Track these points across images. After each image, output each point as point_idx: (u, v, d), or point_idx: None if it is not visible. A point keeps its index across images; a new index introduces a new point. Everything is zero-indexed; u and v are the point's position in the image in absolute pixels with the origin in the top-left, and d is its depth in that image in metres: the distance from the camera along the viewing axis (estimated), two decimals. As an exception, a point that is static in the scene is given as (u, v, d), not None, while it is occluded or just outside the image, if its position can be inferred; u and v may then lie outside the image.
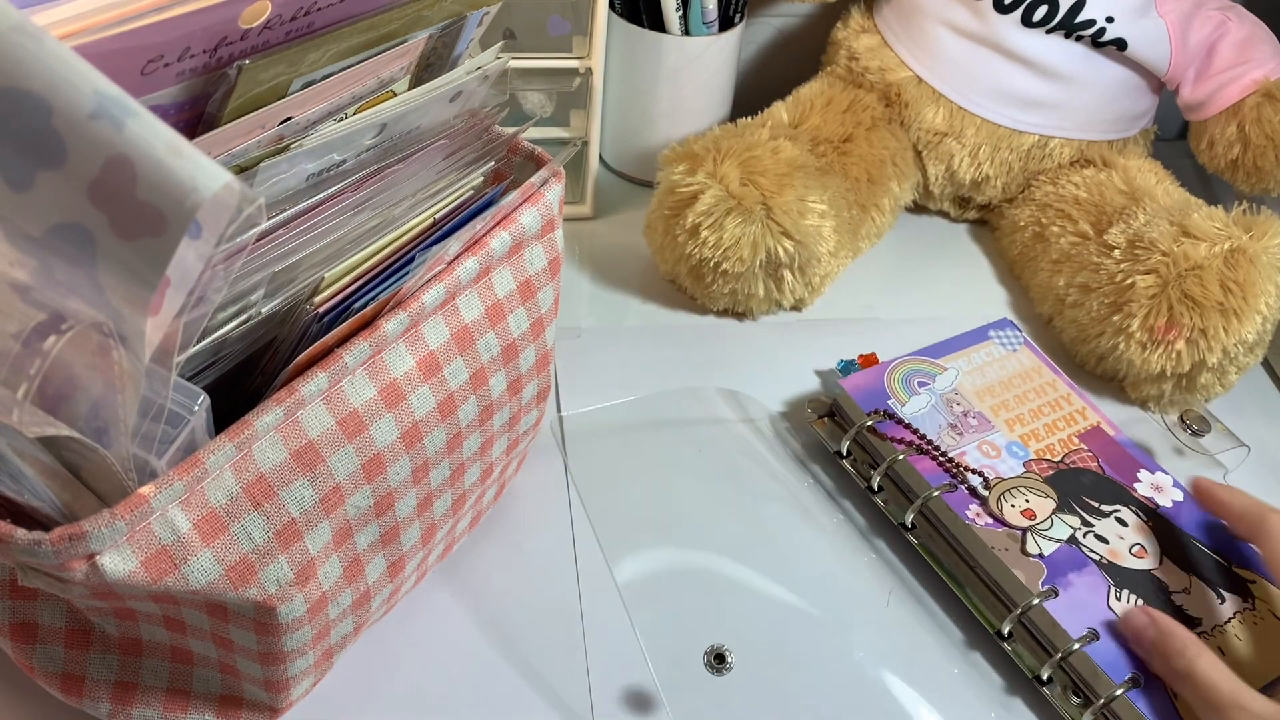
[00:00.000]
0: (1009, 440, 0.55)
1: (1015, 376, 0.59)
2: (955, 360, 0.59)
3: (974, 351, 0.60)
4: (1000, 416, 0.56)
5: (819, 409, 0.58)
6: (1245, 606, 0.49)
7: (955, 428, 0.55)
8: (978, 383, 0.58)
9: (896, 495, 0.53)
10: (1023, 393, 0.58)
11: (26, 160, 0.26)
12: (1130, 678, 0.45)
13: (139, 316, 0.27)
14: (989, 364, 0.59)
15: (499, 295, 0.42)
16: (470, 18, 0.41)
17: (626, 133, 0.74)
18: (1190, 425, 0.59)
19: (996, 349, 0.60)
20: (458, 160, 0.41)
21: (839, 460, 0.56)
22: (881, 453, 0.54)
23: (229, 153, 0.34)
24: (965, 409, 0.56)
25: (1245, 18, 0.67)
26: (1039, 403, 0.58)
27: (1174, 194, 0.66)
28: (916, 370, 0.58)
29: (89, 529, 0.30)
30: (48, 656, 0.39)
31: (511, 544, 0.51)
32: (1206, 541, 0.52)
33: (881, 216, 0.70)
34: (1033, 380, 0.59)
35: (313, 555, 0.37)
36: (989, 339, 0.61)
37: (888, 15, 0.71)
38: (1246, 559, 0.51)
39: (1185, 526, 0.52)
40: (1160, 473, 0.55)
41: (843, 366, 0.60)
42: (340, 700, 0.45)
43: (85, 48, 0.28)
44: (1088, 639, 0.46)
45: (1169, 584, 0.49)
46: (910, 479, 0.53)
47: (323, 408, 0.35)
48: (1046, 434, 0.56)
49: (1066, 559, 0.50)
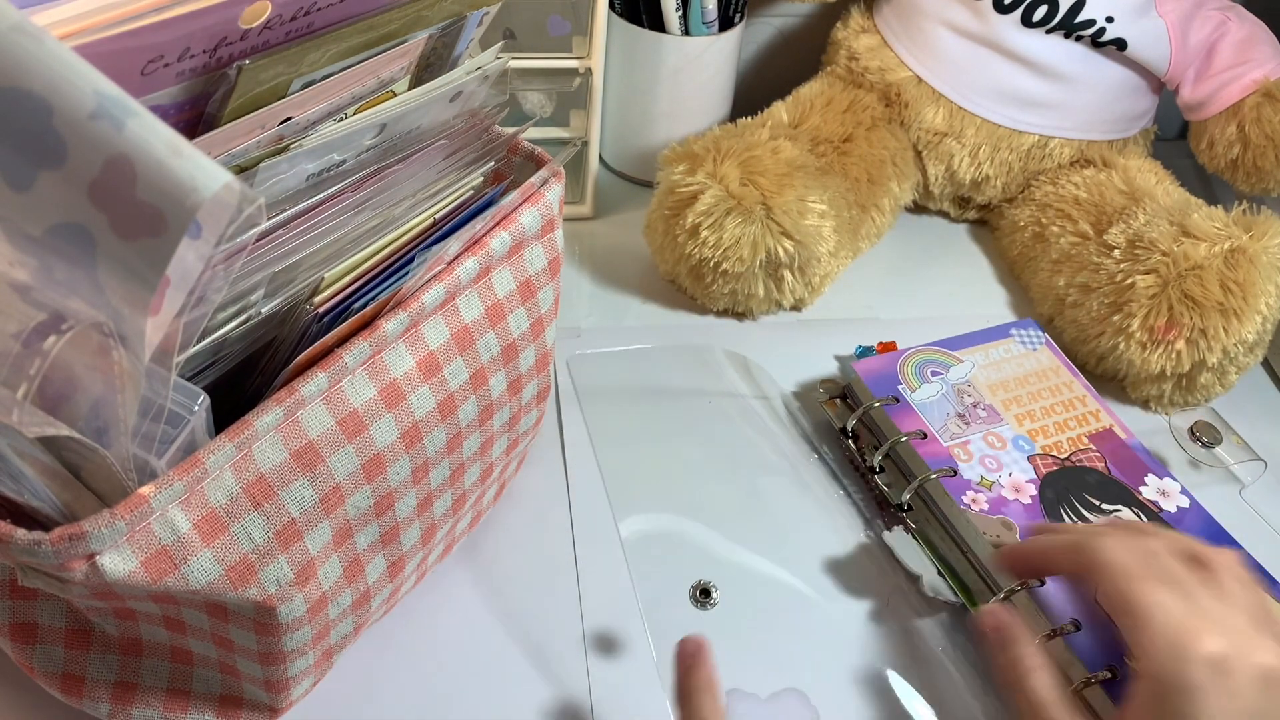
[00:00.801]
0: (1016, 434, 0.55)
1: (1031, 374, 0.59)
2: (972, 354, 0.60)
3: (992, 347, 0.60)
4: (1010, 411, 0.57)
5: (831, 390, 0.59)
6: None
7: (963, 417, 0.56)
8: (992, 377, 0.59)
9: (897, 477, 0.54)
10: (1037, 390, 0.58)
11: (27, 160, 0.26)
12: (1106, 669, 0.45)
13: (139, 316, 0.27)
14: (1006, 360, 0.60)
15: (499, 295, 0.42)
16: (470, 18, 0.41)
17: (626, 133, 0.74)
18: (1200, 437, 0.59)
19: (1016, 346, 0.61)
20: (458, 160, 0.41)
21: (843, 438, 0.56)
22: (886, 434, 0.55)
23: (229, 153, 0.34)
24: (976, 400, 0.57)
25: (1245, 18, 0.67)
26: (1052, 401, 0.58)
27: (1174, 194, 0.66)
28: (931, 360, 0.59)
29: (89, 529, 0.30)
30: (48, 656, 0.39)
31: (512, 544, 0.51)
32: None
33: (881, 216, 0.70)
34: (1048, 380, 0.59)
35: (313, 555, 0.37)
36: (1010, 336, 0.61)
37: (888, 15, 0.71)
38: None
39: (1188, 532, 0.52)
40: (1169, 479, 0.54)
41: (860, 352, 0.61)
42: (340, 700, 0.45)
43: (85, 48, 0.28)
44: (1068, 628, 0.47)
45: None
46: (911, 461, 0.54)
47: (323, 408, 0.35)
48: (1056, 431, 0.56)
49: None
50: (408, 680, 0.46)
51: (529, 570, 0.50)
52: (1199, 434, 0.59)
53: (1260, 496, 0.57)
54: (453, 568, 0.50)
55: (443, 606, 0.49)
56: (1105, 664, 0.46)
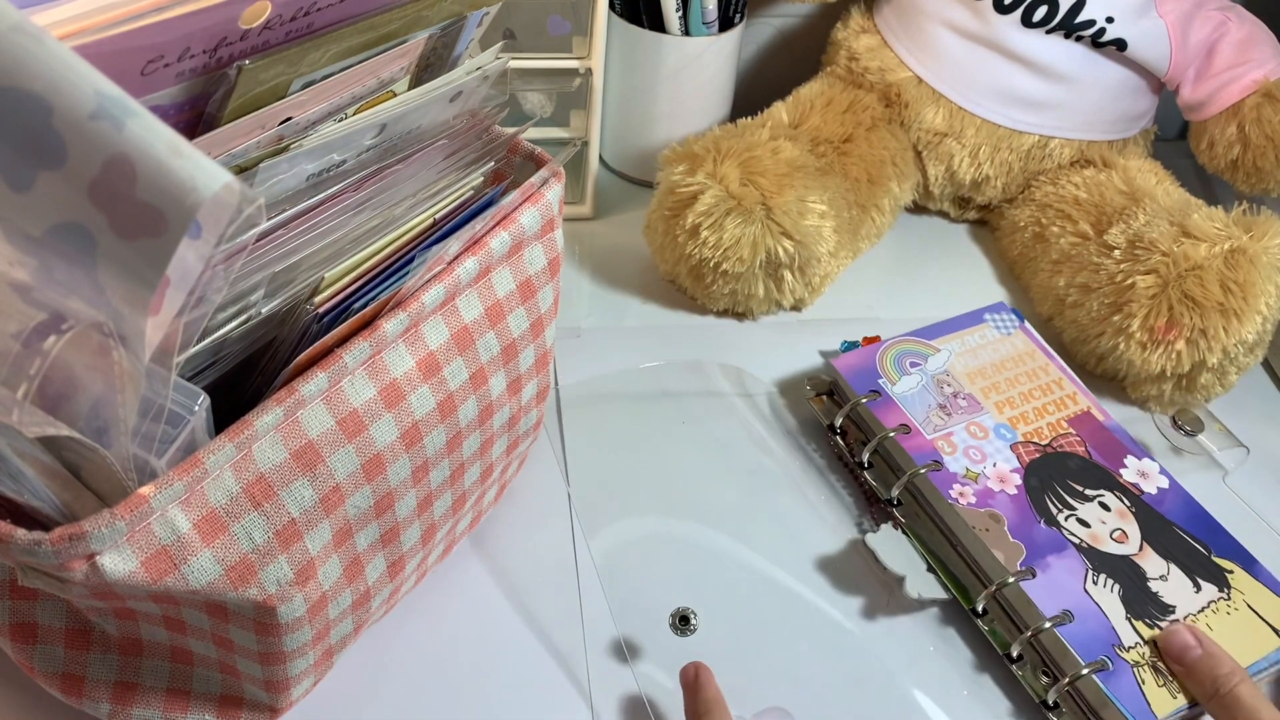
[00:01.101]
0: (997, 422, 0.56)
1: (1008, 360, 0.59)
2: (949, 342, 0.60)
3: (968, 334, 0.61)
4: (990, 399, 0.57)
5: (818, 386, 0.59)
6: (1220, 597, 0.49)
7: (944, 408, 0.56)
8: (970, 365, 0.59)
9: (885, 472, 0.55)
10: (1014, 376, 0.59)
11: (27, 160, 0.26)
12: (1099, 660, 0.46)
13: (139, 316, 0.27)
14: (982, 346, 0.60)
15: (499, 295, 0.42)
16: (470, 18, 0.41)
17: (626, 133, 0.74)
18: (1184, 426, 0.59)
19: (991, 332, 0.61)
20: (458, 160, 0.41)
21: (831, 435, 0.57)
22: (874, 430, 0.55)
23: (229, 153, 0.34)
24: (955, 390, 0.57)
25: (1245, 18, 0.67)
26: (1030, 386, 0.58)
27: (1174, 194, 0.66)
28: (909, 351, 0.59)
29: (89, 529, 0.30)
30: (48, 656, 0.39)
31: (512, 544, 0.51)
32: (1189, 529, 0.52)
33: (881, 216, 0.70)
34: (1025, 364, 0.59)
35: (313, 555, 0.37)
36: (984, 322, 0.62)
37: (888, 15, 0.71)
38: (1227, 549, 0.51)
39: (1169, 514, 0.53)
40: (1147, 459, 0.55)
41: (845, 347, 0.61)
42: (340, 700, 0.45)
43: (85, 48, 0.28)
44: (1061, 619, 0.47)
45: (1146, 570, 0.50)
46: (899, 457, 0.54)
47: (323, 408, 0.35)
48: (1036, 417, 0.57)
49: (1047, 541, 0.50)
50: (408, 680, 0.46)
51: (529, 570, 0.50)
52: (1181, 421, 0.59)
53: (1242, 483, 0.57)
54: (453, 568, 0.50)
55: (443, 606, 0.49)
56: (1099, 654, 0.46)
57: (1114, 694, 0.45)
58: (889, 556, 0.51)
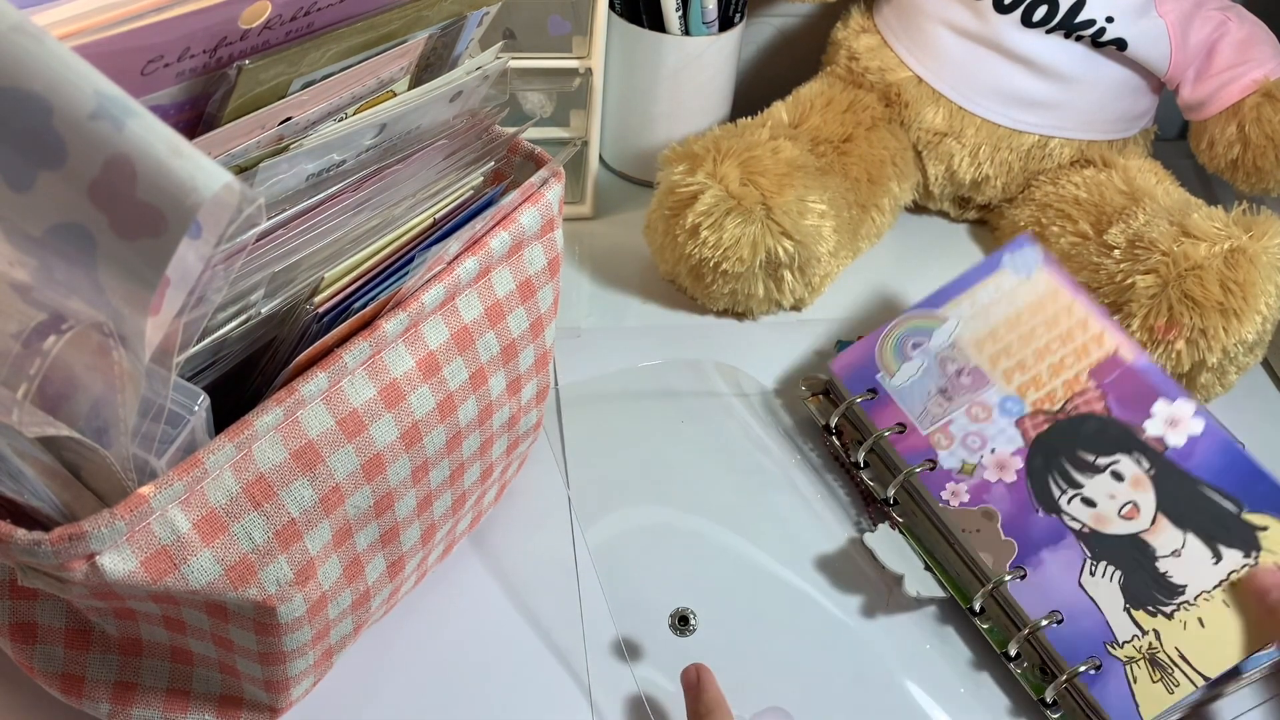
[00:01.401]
0: (1003, 396, 0.53)
1: (1025, 310, 0.55)
2: (958, 306, 0.56)
3: (981, 289, 0.56)
4: (999, 367, 0.54)
5: (813, 386, 0.59)
6: (1246, 563, 0.46)
7: (945, 392, 0.54)
8: (979, 329, 0.55)
9: (882, 471, 0.55)
10: (1030, 329, 0.54)
11: (27, 160, 0.26)
12: (1088, 661, 0.46)
13: (139, 316, 0.27)
14: (997, 301, 0.56)
15: (498, 295, 0.42)
16: (470, 18, 0.41)
17: (626, 133, 0.73)
18: None
19: (1009, 278, 0.56)
20: (458, 160, 0.41)
21: (826, 435, 0.56)
22: (869, 429, 0.55)
23: (229, 153, 0.34)
24: (960, 366, 0.54)
25: (1245, 18, 0.67)
26: (1048, 338, 0.54)
27: (1174, 194, 0.66)
28: (912, 330, 0.56)
29: (89, 529, 0.30)
30: (48, 656, 0.39)
31: (512, 545, 0.51)
32: (1220, 484, 0.48)
33: (881, 216, 0.70)
34: (1045, 310, 0.55)
35: (312, 555, 0.37)
36: (1002, 267, 0.57)
37: (888, 15, 0.71)
38: (1264, 499, 0.47)
39: (1196, 469, 0.49)
40: (1182, 399, 0.51)
41: (841, 346, 0.61)
42: (340, 700, 0.45)
43: (85, 48, 0.28)
44: (1051, 619, 0.47)
45: (1157, 548, 0.48)
46: (894, 456, 0.54)
47: (323, 408, 0.35)
48: (1050, 377, 0.53)
49: (1044, 533, 0.49)
50: (407, 680, 0.46)
51: (529, 570, 0.50)
52: None
53: None
54: (453, 568, 0.50)
55: (443, 607, 0.49)
56: (1088, 656, 0.46)
57: (1099, 696, 0.45)
58: (887, 556, 0.51)
